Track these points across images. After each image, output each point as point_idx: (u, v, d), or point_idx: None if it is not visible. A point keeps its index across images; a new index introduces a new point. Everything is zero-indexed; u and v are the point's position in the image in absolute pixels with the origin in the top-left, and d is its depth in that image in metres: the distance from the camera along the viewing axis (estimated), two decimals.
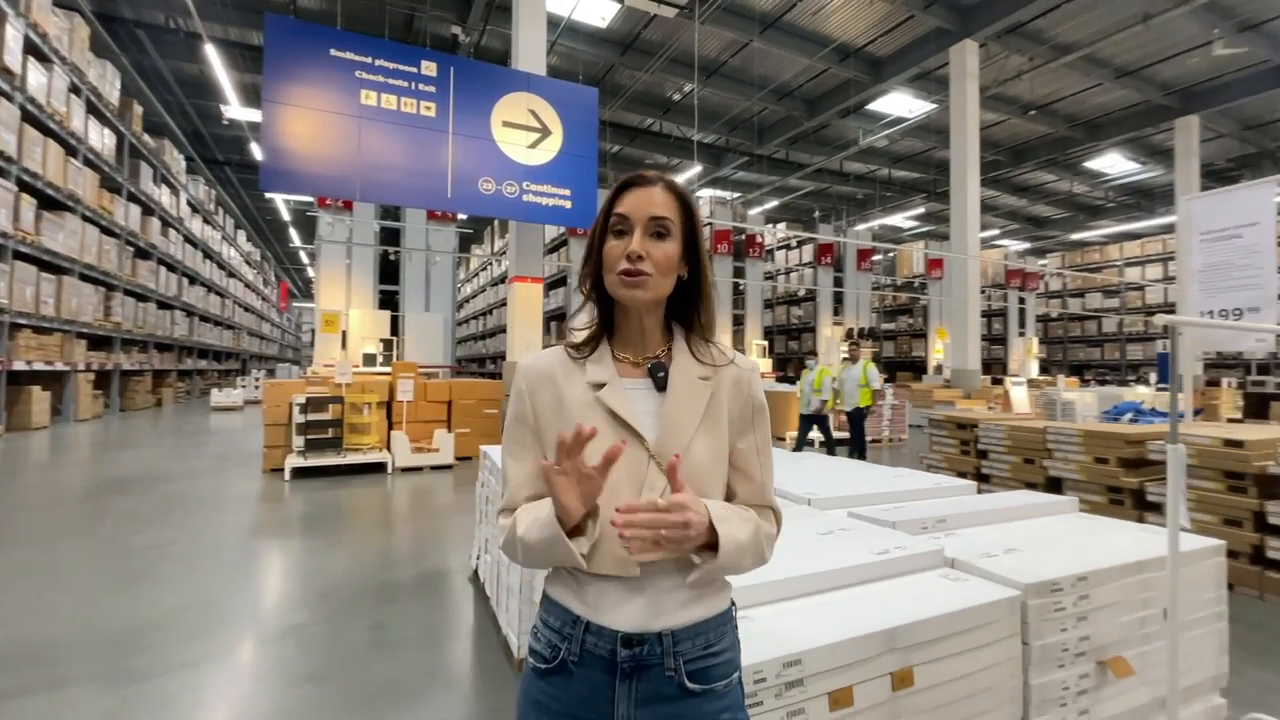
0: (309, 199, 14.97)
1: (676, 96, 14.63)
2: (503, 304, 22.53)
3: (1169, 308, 19.68)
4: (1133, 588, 1.86)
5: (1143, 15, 10.34)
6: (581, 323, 0.97)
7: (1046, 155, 16.61)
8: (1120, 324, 21.83)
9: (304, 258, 31.81)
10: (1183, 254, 13.33)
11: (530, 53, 8.35)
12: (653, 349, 0.93)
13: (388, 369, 10.52)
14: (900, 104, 14.13)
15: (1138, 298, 21.28)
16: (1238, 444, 3.53)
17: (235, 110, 13.12)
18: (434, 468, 7.09)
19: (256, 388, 17.05)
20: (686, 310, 0.94)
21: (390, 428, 7.31)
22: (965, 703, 1.55)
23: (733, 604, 0.91)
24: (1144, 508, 3.92)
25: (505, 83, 7.78)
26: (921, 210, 21.57)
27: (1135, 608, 1.87)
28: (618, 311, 0.93)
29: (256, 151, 15.85)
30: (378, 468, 6.89)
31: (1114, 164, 17.76)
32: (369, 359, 10.75)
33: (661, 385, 0.89)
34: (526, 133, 7.80)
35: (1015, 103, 14.03)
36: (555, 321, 17.36)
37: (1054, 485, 4.35)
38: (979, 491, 2.86)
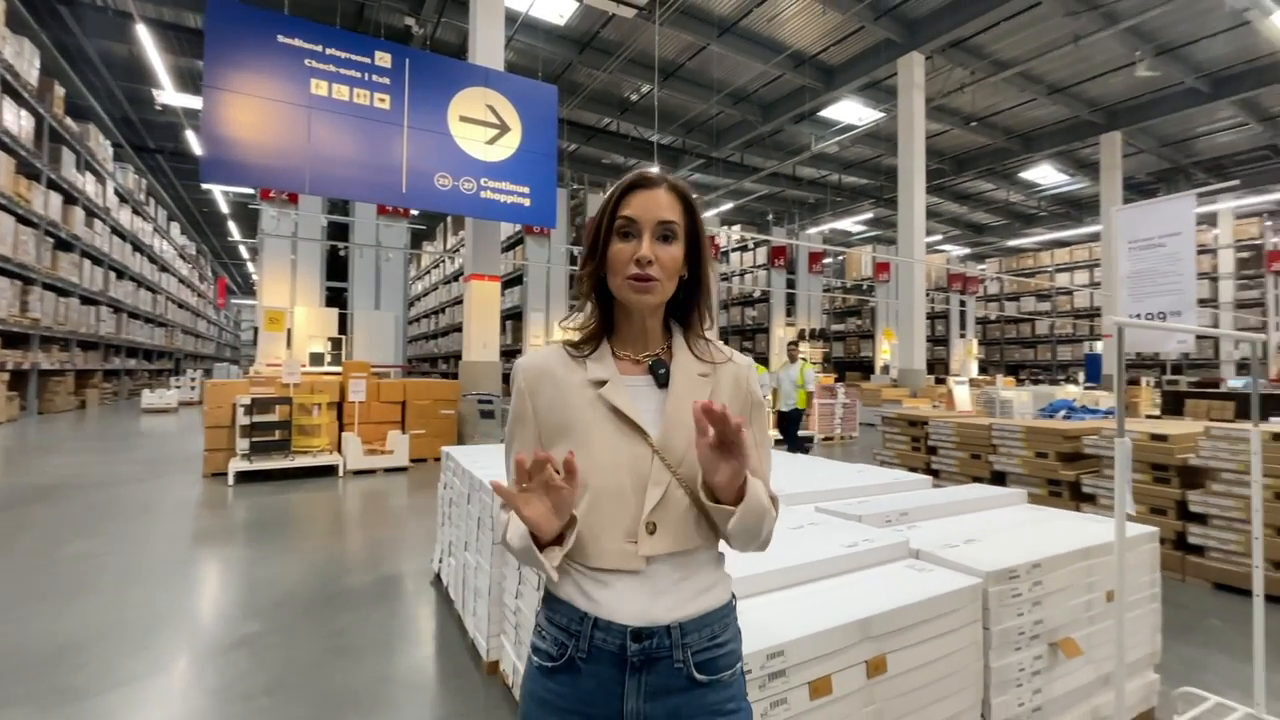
0: (250, 191, 14.33)
1: (634, 97, 14.67)
2: (456, 302, 22.07)
3: (1095, 311, 20.95)
4: (1079, 573, 1.99)
5: (1073, 36, 10.97)
6: (577, 322, 0.97)
7: (986, 165, 17.41)
8: (1052, 326, 23.11)
9: (244, 252, 30.38)
10: (1107, 261, 14.19)
11: (488, 48, 8.21)
12: (653, 347, 0.93)
13: (336, 368, 10.16)
14: (851, 112, 14.55)
15: (1067, 302, 22.57)
16: (1163, 438, 3.79)
17: (169, 95, 12.41)
18: (388, 470, 6.90)
19: (193, 388, 16.19)
20: (686, 308, 0.95)
21: (341, 429, 7.07)
22: (933, 687, 1.62)
23: (733, 596, 0.93)
24: (1080, 498, 4.17)
25: (462, 77, 7.63)
26: (870, 215, 22.27)
27: (1081, 592, 1.99)
28: (618, 311, 0.94)
29: (193, 140, 15.06)
30: (328, 470, 6.65)
31: (1046, 175, 18.77)
32: (316, 358, 10.36)
33: (662, 382, 0.90)
34: (484, 129, 7.68)
35: (958, 114, 14.65)
36: (511, 320, 17.14)
37: (999, 479, 4.58)
38: (933, 485, 2.99)
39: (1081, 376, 18.35)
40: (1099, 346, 18.35)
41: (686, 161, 17.10)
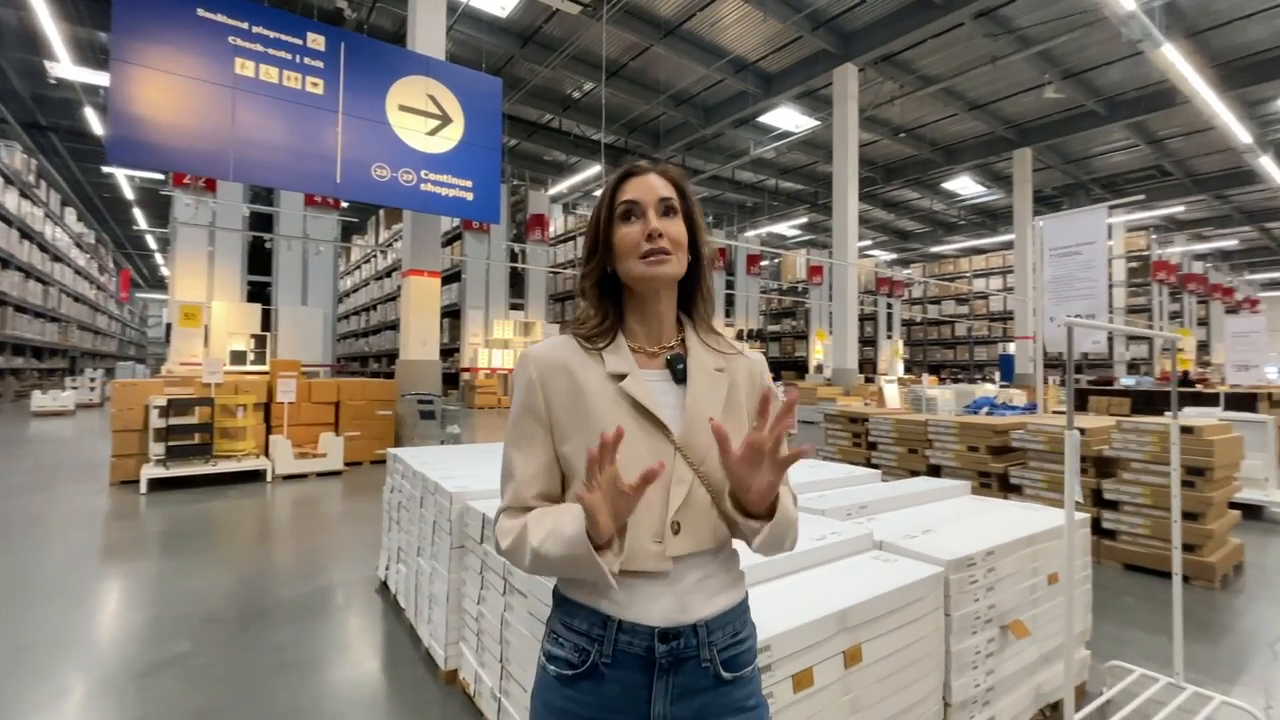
0: (160, 176, 13.28)
1: (576, 94, 14.56)
2: (389, 299, 21.25)
3: (1009, 315, 22.42)
4: (1025, 558, 2.11)
5: (991, 57, 11.71)
6: (585, 327, 0.94)
7: (912, 175, 18.35)
8: (969, 329, 24.60)
9: (152, 242, 28.11)
10: (1020, 268, 15.18)
11: (428, 36, 7.94)
12: (666, 339, 0.91)
13: (261, 367, 9.57)
14: (788, 119, 14.98)
15: (983, 305, 24.09)
16: (1080, 431, 4.09)
17: (66, 69, 11.30)
18: (321, 474, 6.54)
19: (93, 389, 14.86)
20: (691, 294, 0.94)
21: (269, 432, 6.65)
22: (902, 673, 1.67)
23: (745, 592, 0.92)
24: (1008, 489, 4.45)
25: (402, 65, 7.34)
26: (805, 220, 23.01)
27: (1027, 576, 2.11)
28: (629, 302, 0.91)
29: (93, 118, 13.80)
30: (255, 476, 6.24)
31: (965, 186, 19.96)
32: (238, 356, 9.73)
33: (680, 377, 0.88)
34: (425, 119, 7.41)
35: (888, 125, 15.35)
36: (448, 318, 16.66)
37: (934, 471, 4.82)
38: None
39: (997, 375, 19.61)
40: (1012, 348, 19.66)
41: (629, 161, 17.14)
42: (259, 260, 11.91)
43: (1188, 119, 13.62)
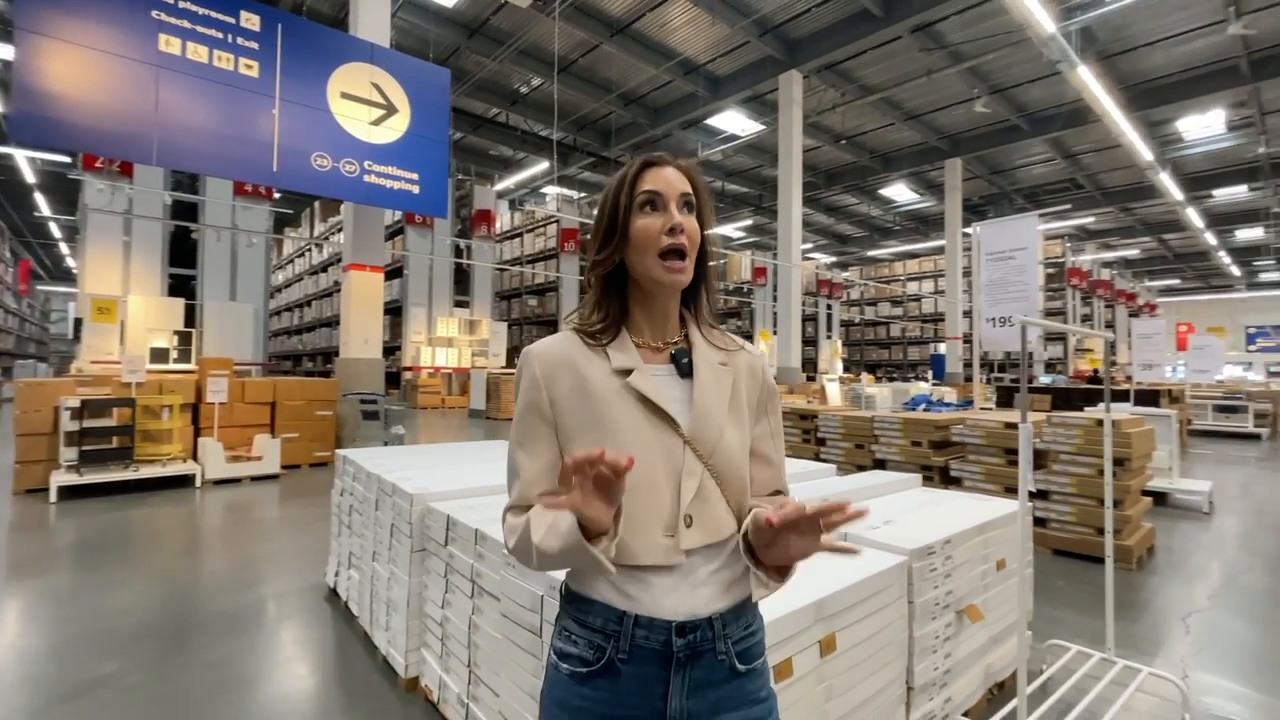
0: (67, 159, 12.25)
1: (524, 89, 14.35)
2: (324, 294, 20.34)
3: (940, 316, 23.55)
4: (978, 546, 2.22)
5: (926, 70, 12.28)
6: (583, 315, 0.92)
7: (851, 181, 19.01)
8: (903, 330, 25.72)
9: (56, 230, 25.88)
10: (951, 272, 16.04)
11: (372, 21, 7.64)
12: (670, 334, 0.91)
13: (186, 365, 8.98)
14: (735, 122, 15.24)
15: (916, 307, 25.24)
16: (1014, 426, 4.35)
17: None
18: (256, 478, 6.19)
19: None
20: (694, 293, 0.94)
21: (197, 434, 6.25)
22: (871, 660, 1.73)
23: None
24: (949, 482, 4.67)
25: (344, 50, 7.03)
26: (750, 222, 23.48)
27: (979, 563, 2.23)
28: (634, 296, 0.90)
29: None
30: (182, 481, 5.85)
31: (900, 193, 20.86)
32: (159, 354, 9.09)
33: (685, 371, 0.88)
34: (369, 108, 7.12)
35: (830, 132, 15.85)
36: (390, 315, 16.10)
37: (879, 465, 5.02)
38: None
39: (930, 374, 20.58)
40: (942, 347, 20.67)
41: (577, 159, 17.03)
42: (182, 252, 11.16)
43: (1098, 136, 14.68)
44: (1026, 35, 9.40)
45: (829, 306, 22.73)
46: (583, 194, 20.85)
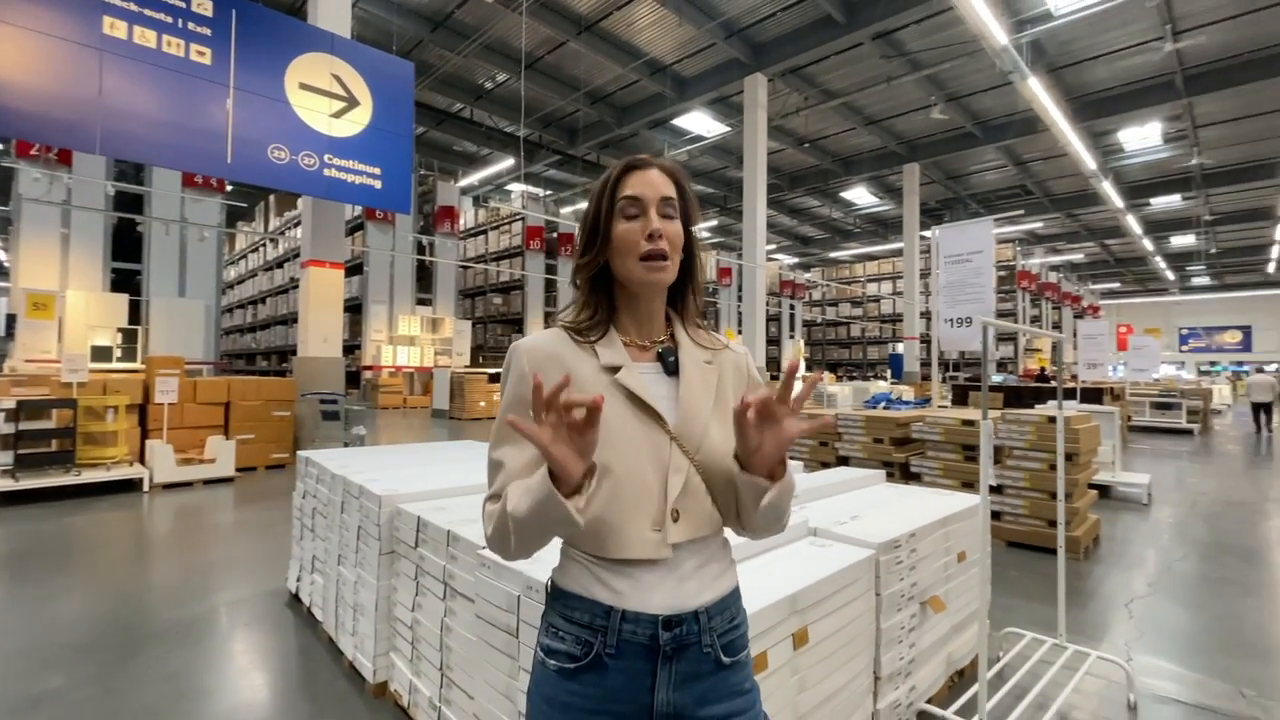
0: None
1: (489, 85, 14.17)
2: (279, 291, 19.72)
3: (898, 317, 24.19)
4: (940, 539, 2.30)
5: (886, 77, 12.61)
6: (569, 316, 0.93)
7: (814, 184, 19.37)
8: (863, 330, 26.35)
9: None
10: (909, 274, 16.53)
11: (331, 10, 7.43)
12: (657, 333, 0.92)
13: (131, 364, 8.59)
14: (700, 123, 15.36)
15: (875, 308, 25.89)
16: (971, 423, 4.52)
17: None
18: (209, 482, 5.96)
19: None
20: (681, 291, 0.95)
21: (145, 436, 5.98)
22: (841, 651, 1.78)
23: (737, 578, 0.94)
24: (909, 477, 4.82)
25: (303, 39, 6.81)
26: (715, 223, 23.69)
27: (942, 555, 2.31)
28: (621, 296, 0.91)
29: None
30: (129, 485, 5.59)
31: (861, 196, 21.36)
32: (102, 353, 8.66)
33: (671, 369, 0.89)
34: (329, 100, 6.92)
35: (793, 135, 16.12)
36: (349, 313, 15.69)
37: (843, 461, 5.13)
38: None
39: (888, 373, 21.14)
40: (900, 347, 21.25)
41: (542, 156, 16.90)
42: (126, 245, 10.66)
43: (1047, 145, 15.32)
44: (981, 46, 9.74)
45: (792, 307, 23.12)
46: (549, 191, 20.71)
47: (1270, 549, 4.41)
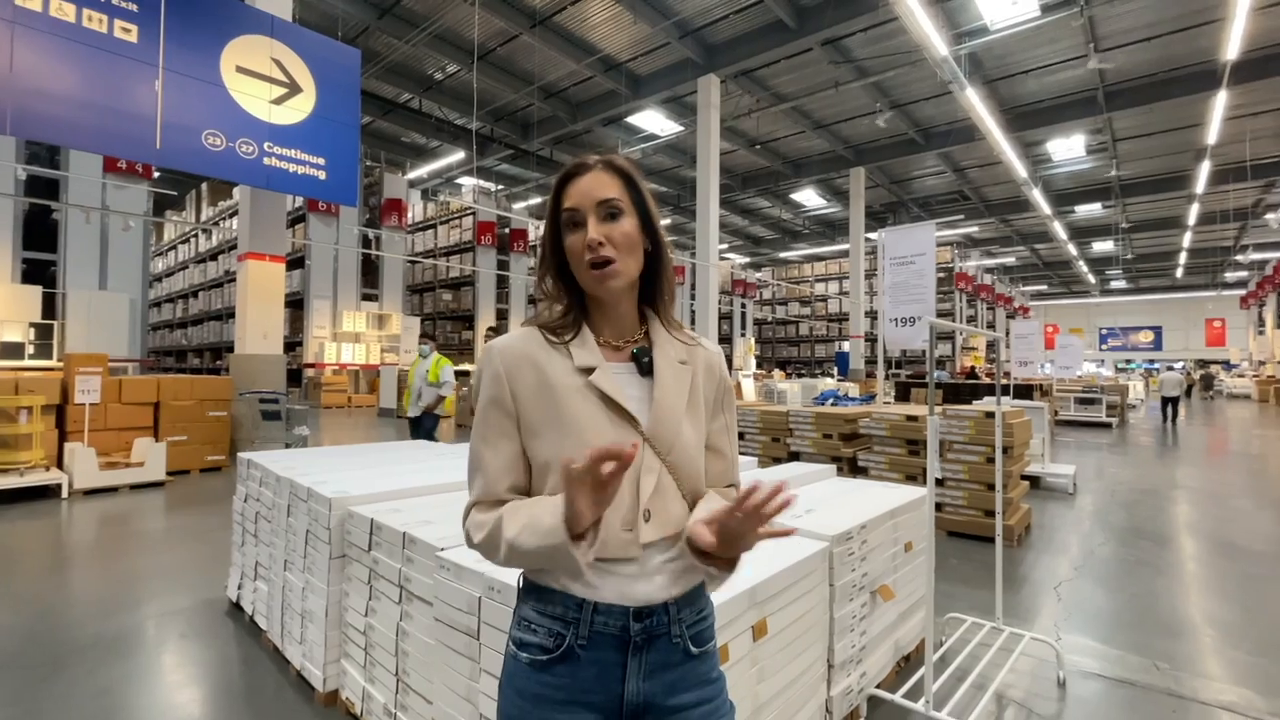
0: None
1: (439, 75, 13.82)
2: (214, 285, 18.75)
3: (844, 316, 24.93)
4: (889, 530, 2.39)
5: (834, 82, 12.96)
6: (543, 319, 0.92)
7: (764, 185, 19.74)
8: (811, 328, 27.05)
9: None
10: (855, 274, 17.05)
11: None
12: (630, 333, 0.93)
13: (47, 362, 8.01)
14: (654, 122, 15.42)
15: (823, 307, 26.62)
16: (915, 419, 4.71)
17: None
18: (136, 486, 5.62)
19: None
20: (651, 285, 0.94)
21: (64, 439, 5.59)
22: (797, 641, 1.83)
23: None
24: (856, 471, 4.98)
25: (239, 21, 6.48)
26: (668, 221, 23.84)
27: (890, 546, 2.40)
28: (591, 299, 0.91)
29: None
30: (45, 492, 5.20)
31: (809, 198, 21.90)
32: (12, 349, 8.04)
33: (645, 369, 0.90)
34: (269, 85, 6.61)
35: (745, 137, 16.37)
36: (290, 308, 15.04)
37: (794, 457, 5.27)
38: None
39: (835, 370, 21.76)
40: (846, 345, 21.92)
41: (494, 150, 16.61)
42: (40, 234, 9.93)
43: (983, 153, 16.06)
44: (923, 56, 10.14)
45: (743, 305, 23.53)
46: (501, 186, 20.38)
47: (1179, 533, 4.78)
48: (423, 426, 5.79)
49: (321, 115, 7.04)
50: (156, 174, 12.02)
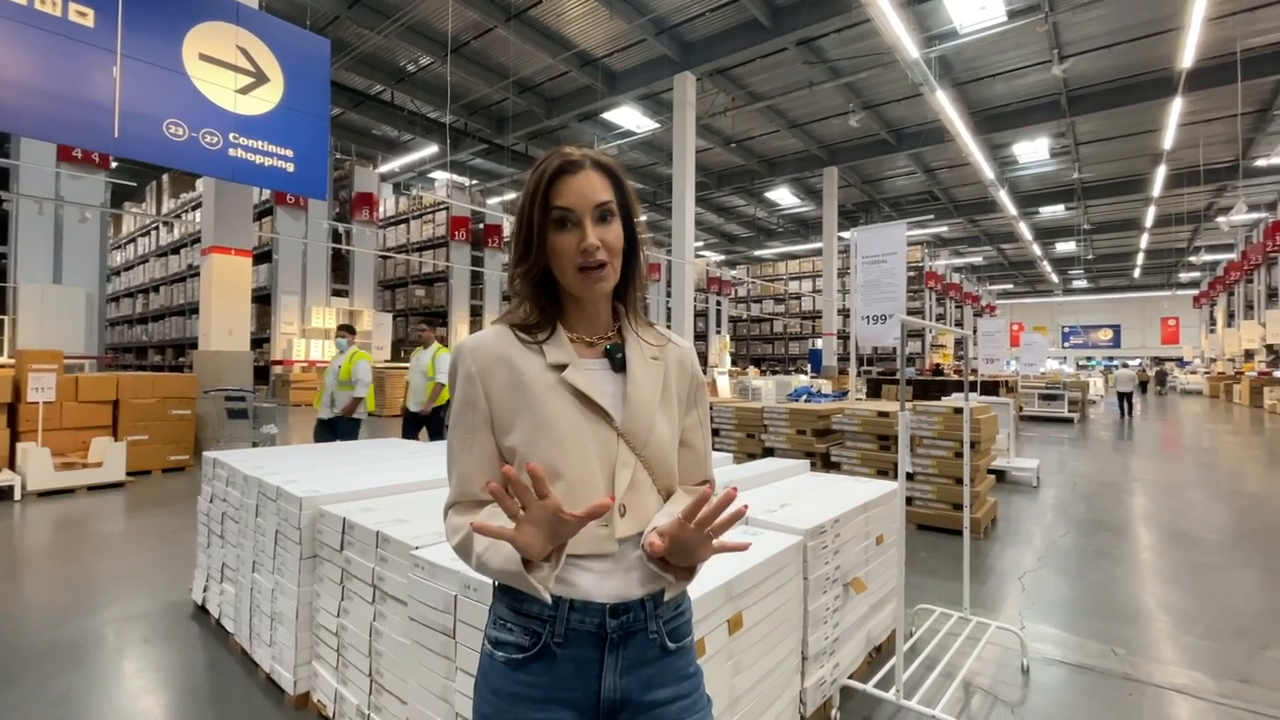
0: None
1: (411, 67, 13.59)
2: (176, 279, 18.20)
3: (817, 314, 25.25)
4: (861, 524, 2.44)
5: (809, 82, 13.09)
6: (516, 316, 0.91)
7: (739, 183, 19.85)
8: (785, 326, 27.34)
9: None
10: (828, 273, 17.28)
11: None
12: (603, 330, 0.93)
13: None
14: (630, 118, 15.38)
15: (797, 305, 26.93)
16: (886, 414, 4.80)
17: None
18: (94, 488, 5.43)
19: None
20: (625, 288, 0.94)
21: (15, 439, 5.37)
22: (772, 634, 1.86)
23: None
24: (829, 466, 5.06)
25: (203, 6, 6.27)
26: (644, 219, 23.80)
27: (862, 539, 2.45)
28: (567, 297, 0.90)
29: None
30: None
31: (784, 197, 22.10)
32: None
33: (618, 366, 0.90)
34: (235, 74, 6.42)
35: (720, 135, 16.44)
36: (257, 303, 14.67)
37: (769, 453, 5.33)
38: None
39: (809, 367, 22.04)
40: (819, 343, 22.22)
41: (468, 144, 16.40)
42: None
43: (952, 155, 16.40)
44: (895, 58, 10.29)
45: (719, 303, 23.67)
46: (475, 181, 20.14)
47: (1135, 523, 4.96)
48: (337, 431, 5.11)
49: (289, 106, 6.87)
50: (115, 164, 11.60)
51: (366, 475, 2.62)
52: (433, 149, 16.37)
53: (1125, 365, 20.14)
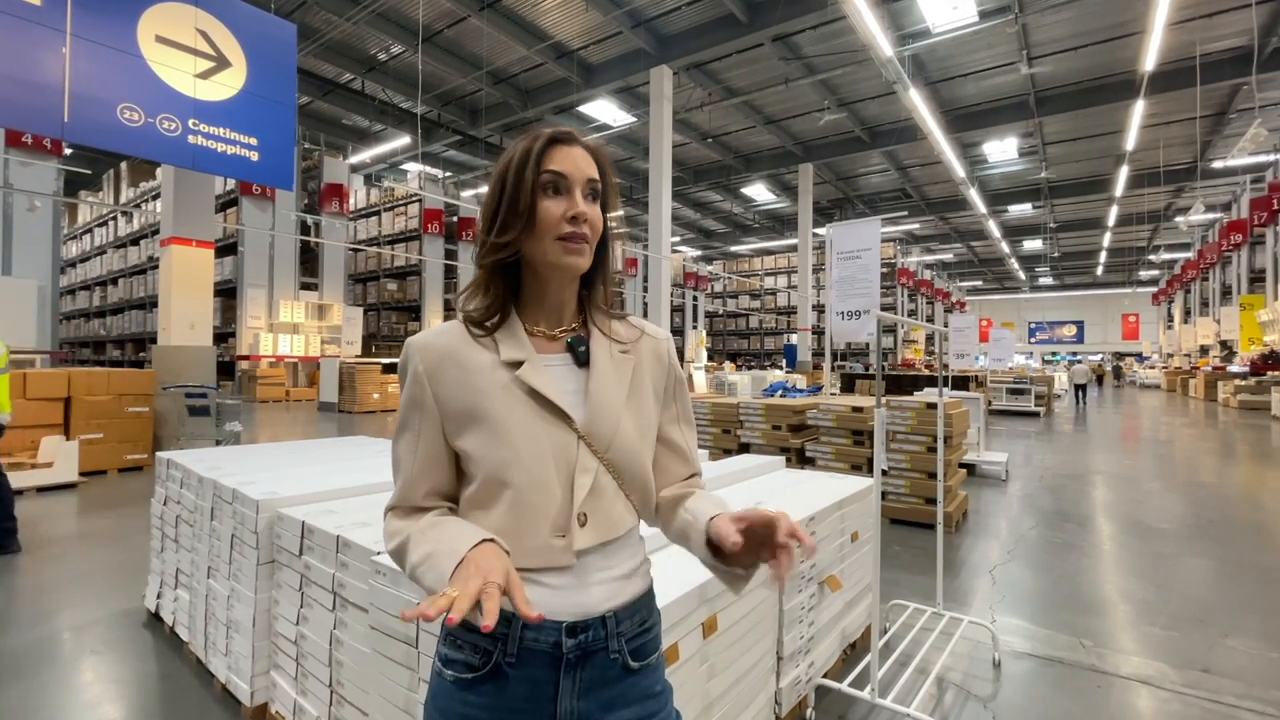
0: None
1: (383, 56, 13.29)
2: (135, 271, 17.58)
3: (793, 309, 25.44)
4: (836, 520, 2.42)
5: (785, 78, 13.13)
6: (475, 301, 0.85)
7: (716, 178, 19.88)
8: (760, 321, 27.51)
9: None
10: (803, 269, 17.40)
11: None
12: (568, 321, 0.86)
13: None
14: (607, 112, 15.27)
15: (773, 301, 27.12)
16: (860, 410, 4.82)
17: None
18: (44, 489, 5.19)
19: None
20: (593, 277, 0.88)
21: None
22: (747, 636, 1.83)
23: (651, 579, 0.92)
24: (804, 462, 5.07)
25: None
26: (620, 213, 23.71)
27: (837, 536, 2.43)
28: (528, 281, 0.84)
29: None
30: None
31: (760, 193, 22.20)
32: None
33: (582, 360, 0.84)
34: (194, 58, 6.17)
35: (697, 130, 16.42)
36: (221, 297, 14.24)
37: (744, 449, 5.32)
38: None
39: (784, 362, 22.21)
40: (794, 338, 22.40)
41: (441, 136, 16.13)
42: None
43: (924, 153, 16.63)
44: (869, 56, 10.37)
45: (695, 298, 23.69)
46: (448, 173, 19.81)
47: (1098, 515, 5.07)
48: None
49: (253, 92, 6.63)
50: (68, 150, 11.14)
51: (329, 475, 2.52)
52: (405, 140, 16.05)
53: (1079, 361, 23.08)
